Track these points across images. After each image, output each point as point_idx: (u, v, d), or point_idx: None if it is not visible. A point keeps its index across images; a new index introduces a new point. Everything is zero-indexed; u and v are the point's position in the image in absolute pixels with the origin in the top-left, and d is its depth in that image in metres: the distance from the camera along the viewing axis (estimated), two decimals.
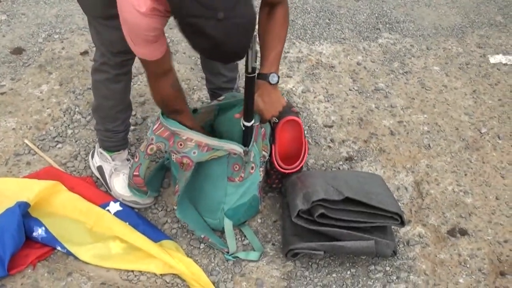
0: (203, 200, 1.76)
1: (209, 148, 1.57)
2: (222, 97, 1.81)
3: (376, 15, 2.99)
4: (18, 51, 2.55)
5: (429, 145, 2.19)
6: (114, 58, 1.67)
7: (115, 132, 1.86)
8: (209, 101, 2.16)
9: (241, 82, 2.13)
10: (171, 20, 1.27)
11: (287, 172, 1.82)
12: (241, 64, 1.62)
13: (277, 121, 1.90)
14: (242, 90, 1.61)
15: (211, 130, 1.83)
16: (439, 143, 2.21)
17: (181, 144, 1.59)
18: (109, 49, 1.64)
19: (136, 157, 1.67)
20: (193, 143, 1.58)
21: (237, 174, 1.66)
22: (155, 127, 1.61)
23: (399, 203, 1.91)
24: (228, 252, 1.74)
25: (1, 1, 2.90)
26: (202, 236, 1.73)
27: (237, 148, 1.58)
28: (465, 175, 2.08)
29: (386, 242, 1.66)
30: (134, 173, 1.69)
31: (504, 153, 2.18)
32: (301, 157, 1.83)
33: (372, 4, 3.07)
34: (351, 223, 1.64)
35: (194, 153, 1.58)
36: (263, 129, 1.73)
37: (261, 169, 1.74)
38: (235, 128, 1.68)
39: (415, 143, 2.20)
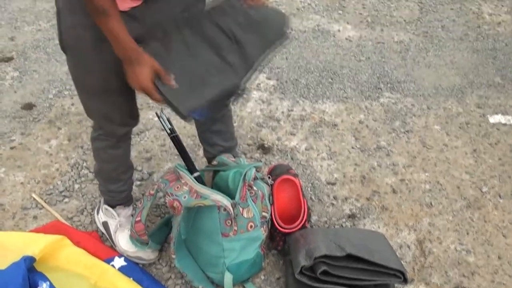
0: (202, 255, 1.79)
1: (198, 196, 1.64)
2: (215, 162, 1.92)
3: (378, 75, 3.06)
4: (28, 106, 2.62)
5: (431, 203, 2.21)
6: (115, 131, 1.72)
7: (118, 192, 1.91)
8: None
9: None
10: None
11: (289, 232, 1.84)
12: None
13: (273, 182, 1.95)
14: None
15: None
16: (440, 201, 2.23)
17: (177, 187, 1.68)
18: (107, 122, 1.69)
19: (140, 203, 1.75)
20: (186, 188, 1.67)
21: (230, 229, 1.70)
22: (166, 174, 1.76)
23: (402, 262, 1.91)
24: None
25: (14, 59, 2.99)
26: (200, 287, 1.76)
27: (223, 200, 1.64)
28: (467, 233, 2.09)
29: None
30: (136, 219, 1.75)
31: (506, 212, 2.19)
32: (301, 216, 1.86)
33: (374, 65, 3.15)
34: (353, 281, 1.64)
35: (184, 197, 1.65)
36: (260, 191, 1.78)
37: (262, 228, 1.77)
38: (227, 190, 1.77)
39: (417, 201, 2.22)
